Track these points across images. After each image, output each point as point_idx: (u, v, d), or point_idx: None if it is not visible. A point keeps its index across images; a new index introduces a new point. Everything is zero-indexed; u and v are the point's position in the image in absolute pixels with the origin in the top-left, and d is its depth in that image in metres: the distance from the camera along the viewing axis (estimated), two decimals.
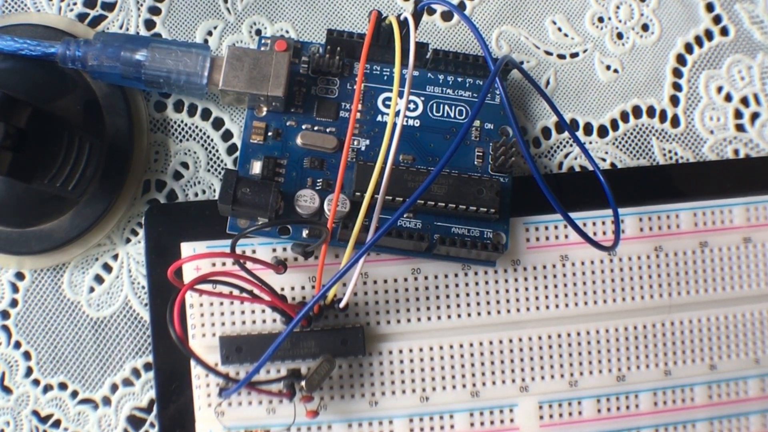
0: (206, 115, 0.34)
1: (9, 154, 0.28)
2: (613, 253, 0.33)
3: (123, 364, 0.33)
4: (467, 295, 0.32)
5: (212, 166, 0.34)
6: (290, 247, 0.32)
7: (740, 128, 0.36)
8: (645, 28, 0.37)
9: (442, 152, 0.32)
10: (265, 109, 0.32)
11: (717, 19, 0.37)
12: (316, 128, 0.32)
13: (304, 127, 0.32)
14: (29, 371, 0.33)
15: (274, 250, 0.32)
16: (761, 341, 0.34)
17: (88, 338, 0.33)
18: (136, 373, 0.33)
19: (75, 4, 0.34)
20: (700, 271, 0.34)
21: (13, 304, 0.33)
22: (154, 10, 0.35)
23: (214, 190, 0.34)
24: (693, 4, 0.37)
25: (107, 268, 0.33)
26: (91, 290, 0.33)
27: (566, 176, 0.35)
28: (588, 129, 0.36)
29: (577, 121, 0.36)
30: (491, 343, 0.32)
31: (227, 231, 0.31)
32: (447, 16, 0.36)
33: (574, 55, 0.36)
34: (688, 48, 0.37)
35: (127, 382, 0.33)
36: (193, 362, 0.31)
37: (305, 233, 0.31)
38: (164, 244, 0.32)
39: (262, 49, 0.33)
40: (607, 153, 0.35)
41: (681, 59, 0.37)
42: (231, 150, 0.34)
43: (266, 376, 0.31)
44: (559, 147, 0.35)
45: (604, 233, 0.33)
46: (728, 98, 0.36)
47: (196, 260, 0.31)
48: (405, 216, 0.32)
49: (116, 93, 0.33)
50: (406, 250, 0.32)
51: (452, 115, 0.33)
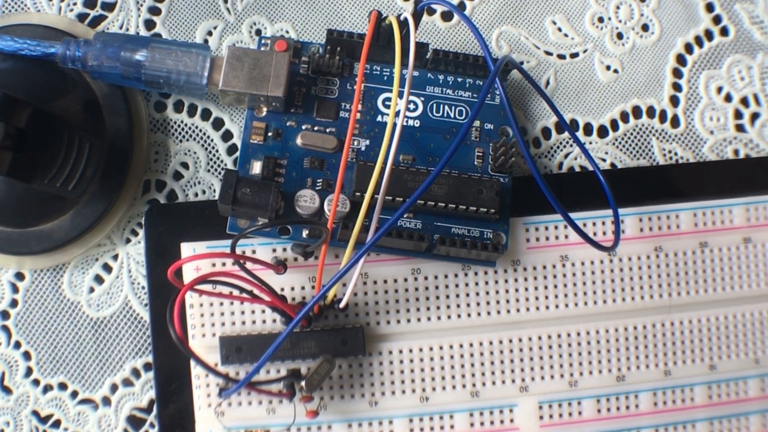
0: (206, 115, 0.34)
1: (9, 154, 0.28)
2: (613, 253, 0.33)
3: (123, 364, 0.33)
4: (467, 295, 0.32)
5: (212, 166, 0.34)
6: (290, 247, 0.32)
7: (740, 128, 0.36)
8: (645, 28, 0.37)
9: (442, 152, 0.32)
10: (265, 109, 0.32)
11: (717, 19, 0.37)
12: (316, 128, 0.32)
13: (304, 127, 0.32)
14: (29, 371, 0.33)
15: (274, 251, 0.32)
16: (761, 341, 0.34)
17: (88, 338, 0.33)
18: (136, 373, 0.33)
19: (75, 4, 0.34)
20: (700, 271, 0.34)
21: (13, 304, 0.33)
22: (154, 10, 0.35)
23: (214, 190, 0.34)
24: (693, 4, 0.37)
25: (107, 268, 0.33)
26: (91, 290, 0.33)
27: (566, 176, 0.35)
28: (588, 129, 0.36)
29: (577, 122, 0.36)
30: (491, 343, 0.32)
31: (227, 231, 0.31)
32: (447, 16, 0.36)
33: (574, 55, 0.36)
34: (688, 48, 0.37)
35: (127, 382, 0.33)
36: (193, 362, 0.31)
37: (305, 233, 0.31)
38: (164, 244, 0.32)
39: (262, 49, 0.33)
40: (607, 153, 0.35)
41: (681, 59, 0.37)
42: (231, 150, 0.34)
43: (266, 376, 0.31)
44: (559, 147, 0.35)
45: (604, 233, 0.33)
46: (728, 98, 0.36)
47: (196, 260, 0.31)
48: (405, 216, 0.32)
49: (116, 93, 0.33)
50: (406, 250, 0.32)
51: (452, 116, 0.33)
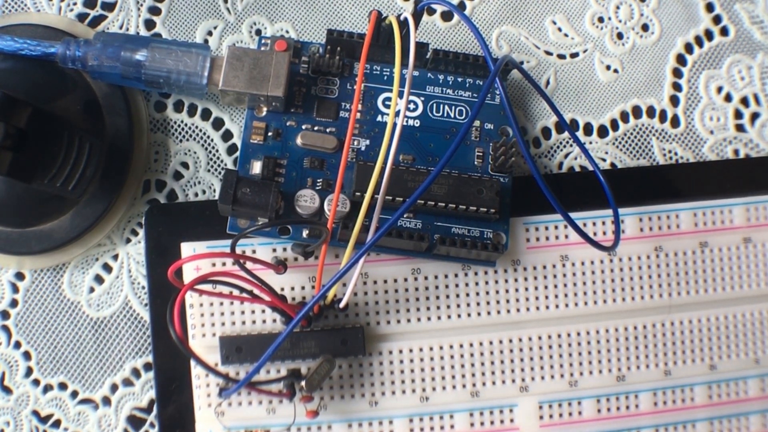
0: (206, 115, 0.34)
1: (9, 154, 0.28)
2: (613, 253, 0.33)
3: (123, 364, 0.33)
4: (467, 295, 0.32)
5: (212, 166, 0.34)
6: (290, 247, 0.32)
7: (740, 128, 0.36)
8: (645, 28, 0.37)
9: (442, 152, 0.32)
10: (265, 109, 0.32)
11: (717, 19, 0.37)
12: (316, 128, 0.32)
13: (304, 127, 0.32)
14: (29, 371, 0.33)
15: (274, 250, 0.32)
16: (761, 341, 0.34)
17: (88, 338, 0.33)
18: (136, 373, 0.33)
19: (75, 4, 0.34)
20: (700, 271, 0.34)
21: (13, 304, 0.33)
22: (154, 10, 0.35)
23: (214, 190, 0.34)
24: (693, 4, 0.37)
25: (107, 268, 0.33)
26: (91, 290, 0.33)
27: (566, 176, 0.35)
28: (588, 129, 0.36)
29: (577, 121, 0.36)
30: (491, 343, 0.32)
31: (227, 231, 0.31)
32: (447, 16, 0.36)
33: (574, 55, 0.36)
34: (688, 48, 0.37)
35: (127, 382, 0.33)
36: (193, 362, 0.31)
37: (305, 233, 0.31)
38: (164, 244, 0.32)
39: (262, 49, 0.33)
40: (607, 153, 0.35)
41: (681, 59, 0.36)
42: (231, 150, 0.34)
43: (266, 376, 0.31)
44: (559, 147, 0.35)
45: (604, 233, 0.33)
46: (728, 98, 0.36)
47: (196, 260, 0.31)
48: (405, 216, 0.32)
49: (116, 93, 0.33)
50: (406, 250, 0.32)
51: (452, 115, 0.33)
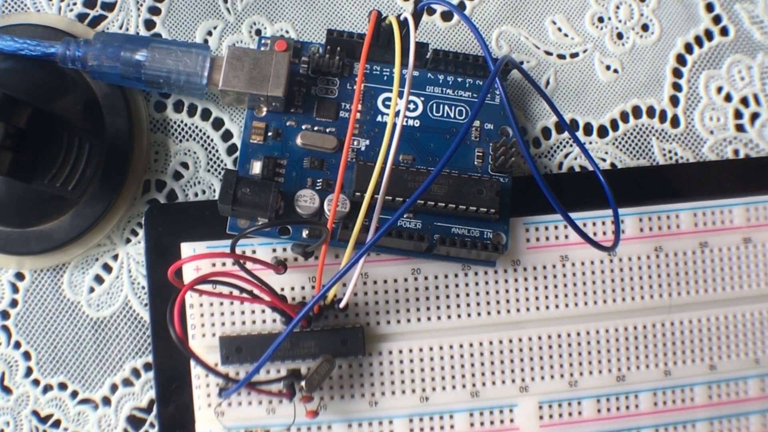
0: (206, 115, 0.34)
1: (9, 154, 0.28)
2: (613, 254, 0.33)
3: (123, 364, 0.33)
4: (467, 295, 0.32)
5: (212, 166, 0.34)
6: (290, 247, 0.32)
7: (740, 128, 0.36)
8: (645, 28, 0.37)
9: (442, 152, 0.32)
10: (265, 109, 0.32)
11: (717, 19, 0.37)
12: (316, 128, 0.32)
13: (304, 127, 0.32)
14: (29, 371, 0.33)
15: (274, 251, 0.32)
16: (761, 341, 0.34)
17: (88, 338, 0.33)
18: (136, 373, 0.33)
19: (75, 4, 0.34)
20: (700, 271, 0.34)
21: (13, 304, 0.33)
22: (154, 10, 0.35)
23: (214, 190, 0.34)
24: (693, 4, 0.37)
25: (107, 268, 0.33)
26: (91, 290, 0.33)
27: (566, 176, 0.35)
28: (588, 129, 0.36)
29: (577, 121, 0.36)
30: (491, 343, 0.32)
31: (227, 231, 0.31)
32: (447, 16, 0.36)
33: (574, 55, 0.36)
34: (688, 48, 0.37)
35: (127, 382, 0.33)
36: (193, 362, 0.31)
37: (305, 233, 0.31)
38: (164, 244, 0.32)
39: (262, 49, 0.33)
40: (607, 153, 0.35)
41: (681, 59, 0.36)
42: (231, 150, 0.34)
43: (266, 376, 0.31)
44: (559, 147, 0.35)
45: (604, 233, 0.33)
46: (728, 98, 0.36)
47: (196, 260, 0.31)
48: (405, 216, 0.32)
49: (116, 93, 0.33)
50: (406, 250, 0.32)
51: (452, 115, 0.33)
